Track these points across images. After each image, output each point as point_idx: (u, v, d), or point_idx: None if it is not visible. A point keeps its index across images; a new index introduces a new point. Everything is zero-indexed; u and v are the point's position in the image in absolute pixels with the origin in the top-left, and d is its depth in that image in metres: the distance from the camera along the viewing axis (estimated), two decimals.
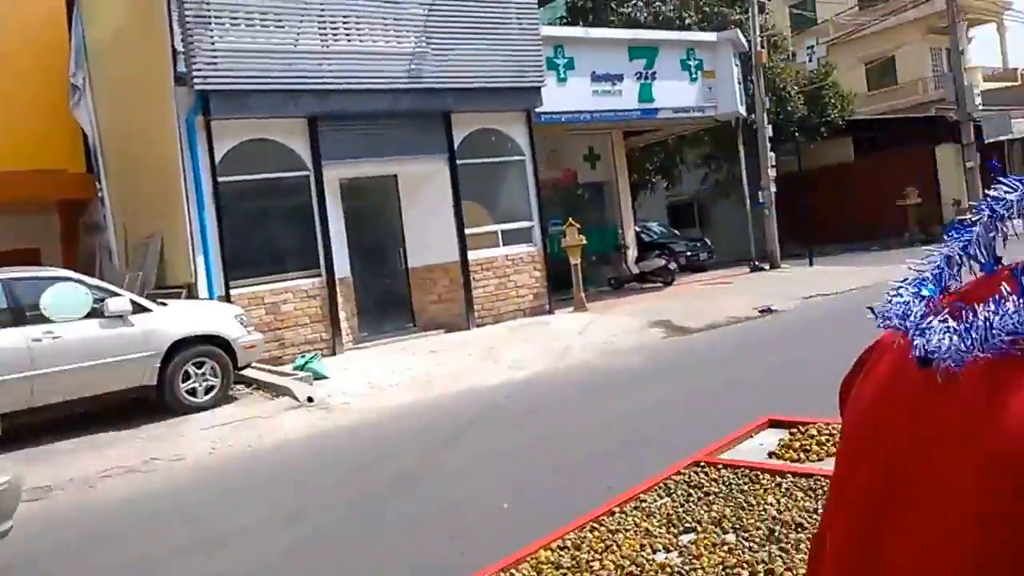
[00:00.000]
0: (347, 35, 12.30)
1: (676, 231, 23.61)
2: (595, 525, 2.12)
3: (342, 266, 12.27)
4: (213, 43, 11.08)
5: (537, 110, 14.32)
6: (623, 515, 2.15)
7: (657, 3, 21.33)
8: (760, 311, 12.80)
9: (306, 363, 10.52)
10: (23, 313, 8.32)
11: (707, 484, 2.24)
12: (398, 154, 12.81)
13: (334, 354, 11.84)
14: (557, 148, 17.79)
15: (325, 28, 12.08)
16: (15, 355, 8.05)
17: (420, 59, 12.78)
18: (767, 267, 19.28)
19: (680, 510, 2.11)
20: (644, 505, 2.19)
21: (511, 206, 14.20)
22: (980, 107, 22.97)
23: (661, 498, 2.22)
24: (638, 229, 20.18)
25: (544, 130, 15.19)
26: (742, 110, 18.19)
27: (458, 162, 13.33)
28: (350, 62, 12.18)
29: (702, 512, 2.06)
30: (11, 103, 13.40)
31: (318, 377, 10.16)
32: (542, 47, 14.24)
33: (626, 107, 16.09)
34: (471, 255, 13.37)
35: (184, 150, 11.13)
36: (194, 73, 10.91)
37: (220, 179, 11.25)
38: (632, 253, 18.45)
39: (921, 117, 25.34)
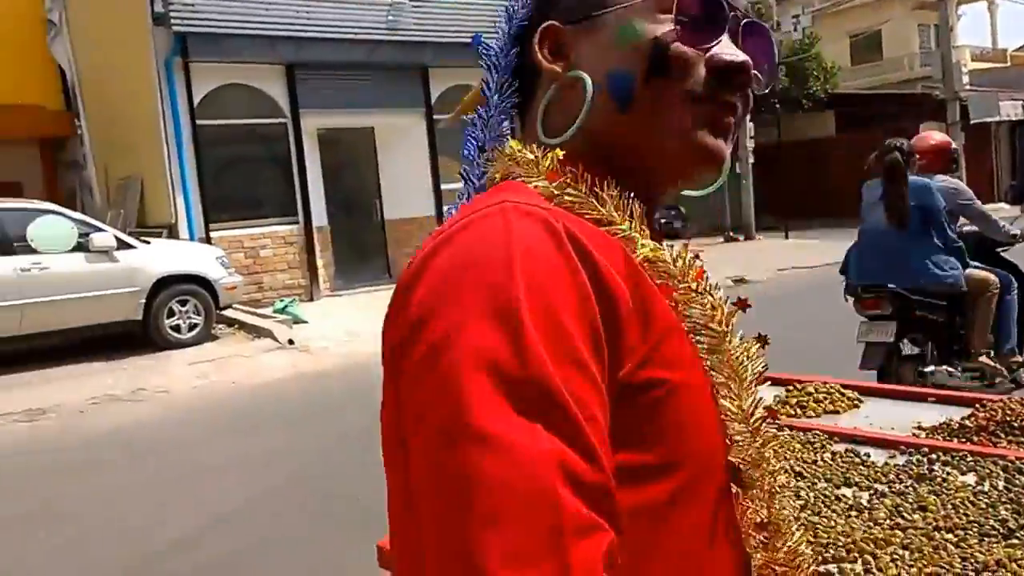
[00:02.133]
0: None
1: None
2: None
3: (319, 214, 12.42)
4: None
5: None
6: None
7: None
8: (733, 281, 12.81)
9: (285, 307, 10.73)
10: (11, 244, 8.47)
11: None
12: (375, 106, 12.89)
13: (311, 300, 12.04)
14: None
15: None
16: (4, 284, 8.26)
17: (398, 10, 12.81)
18: (742, 238, 19.19)
19: None
20: None
21: None
22: (967, 87, 22.72)
23: None
24: None
25: None
26: None
27: (435, 117, 13.41)
28: (329, 10, 12.18)
29: None
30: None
31: (297, 321, 10.36)
32: None
33: None
34: (447, 209, 13.49)
35: (163, 92, 11.18)
36: (171, 14, 10.93)
37: (198, 122, 11.33)
38: None
39: (906, 94, 24.81)
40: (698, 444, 0.71)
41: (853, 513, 1.54)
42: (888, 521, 1.48)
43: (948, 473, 1.67)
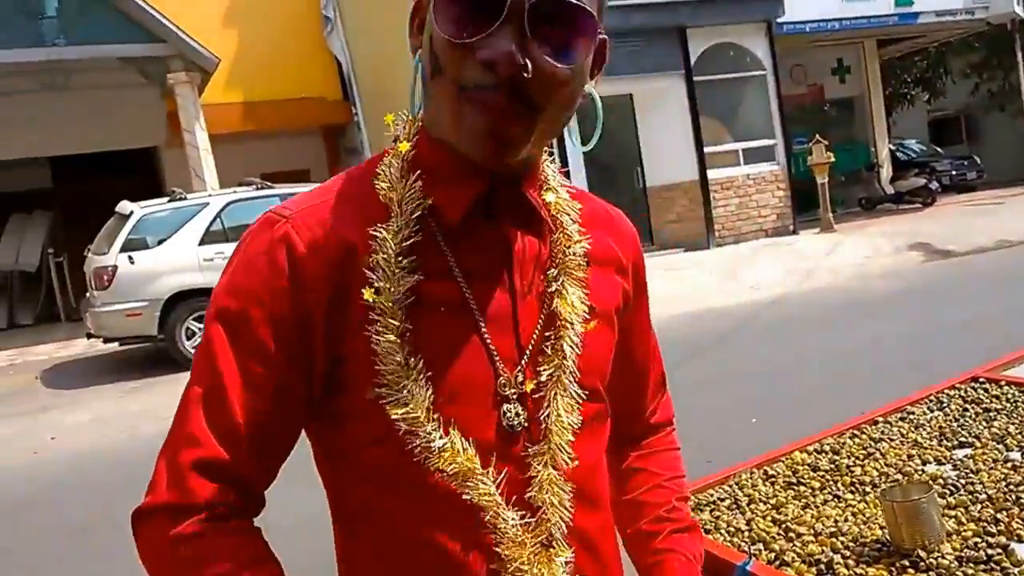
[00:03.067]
0: None
1: (939, 148, 21.50)
2: (856, 432, 1.99)
3: (580, 184, 12.32)
4: None
5: (779, 20, 13.53)
6: (887, 425, 2.01)
7: None
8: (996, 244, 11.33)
9: None
10: None
11: (987, 400, 2.05)
12: (632, 72, 12.58)
13: None
14: (801, 61, 16.75)
15: None
16: None
17: None
18: None
19: (955, 424, 1.93)
20: (912, 417, 2.02)
21: (752, 123, 13.64)
22: None
23: (931, 411, 2.06)
24: (893, 147, 18.63)
25: (787, 42, 14.35)
26: (1020, 10, 16.15)
27: (695, 79, 12.95)
28: None
29: (981, 427, 1.88)
30: (271, 38, 14.45)
31: None
32: None
33: (880, 13, 14.80)
34: (710, 174, 13.03)
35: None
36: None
37: None
38: (886, 172, 17.14)
39: None
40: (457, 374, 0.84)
41: None
42: None
43: None
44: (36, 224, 12.98)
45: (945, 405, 2.09)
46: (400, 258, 0.82)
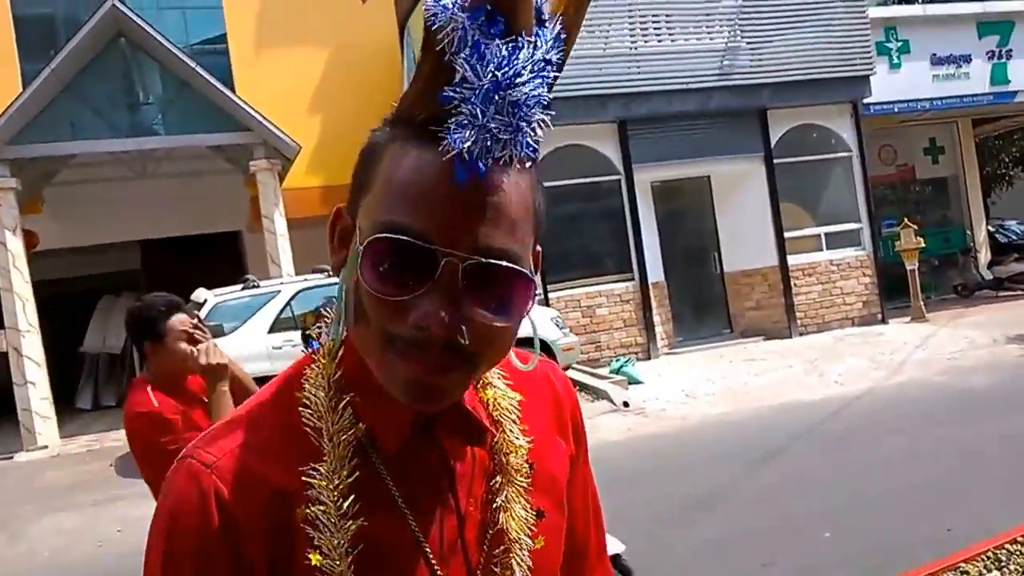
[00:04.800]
0: (657, 35, 12.21)
1: None
2: None
3: (655, 269, 12.18)
4: None
5: (865, 101, 13.19)
6: None
7: None
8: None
9: (621, 367, 10.58)
10: None
11: None
12: (711, 155, 12.45)
13: (649, 358, 11.77)
14: (890, 142, 16.26)
15: (635, 29, 12.07)
16: None
17: (733, 54, 12.33)
18: None
19: None
20: None
21: (836, 207, 13.22)
22: None
23: (988, 572, 1.77)
24: (992, 229, 17.77)
25: (875, 122, 13.96)
26: None
27: (775, 161, 12.66)
28: (659, 62, 12.04)
29: None
30: (354, 123, 14.67)
31: (633, 382, 10.17)
32: (870, 31, 13.07)
33: (975, 92, 14.28)
34: (791, 259, 12.63)
35: None
36: None
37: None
38: (984, 256, 16.33)
39: None
40: None
41: None
42: None
43: None
44: (123, 307, 13.44)
45: (1004, 564, 1.80)
46: (340, 502, 0.77)
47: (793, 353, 11.21)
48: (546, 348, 9.69)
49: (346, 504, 0.77)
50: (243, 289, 9.10)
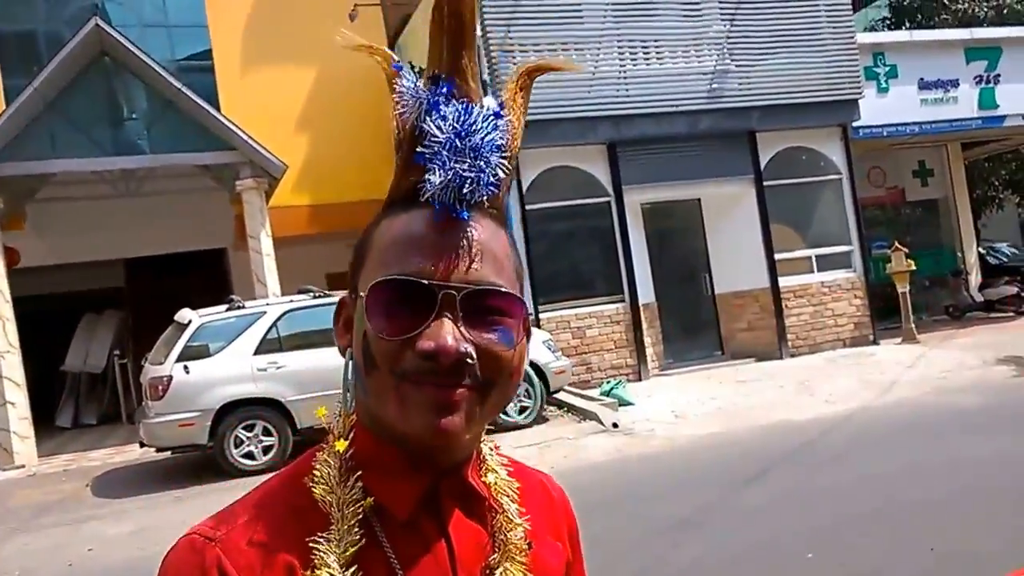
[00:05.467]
0: (645, 58, 12.20)
1: None
2: None
3: (646, 291, 12.09)
4: None
5: (854, 124, 13.20)
6: None
7: None
8: None
9: (611, 389, 10.49)
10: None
11: None
12: (700, 177, 12.42)
13: (640, 380, 11.67)
14: (880, 164, 16.29)
15: (624, 52, 12.07)
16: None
17: (722, 77, 12.34)
18: None
19: None
20: None
21: (826, 229, 13.19)
22: None
23: None
24: (982, 251, 17.77)
25: (864, 145, 13.98)
26: None
27: (765, 183, 12.63)
28: (649, 85, 12.04)
29: None
30: (341, 141, 14.47)
31: (623, 403, 10.07)
32: (858, 55, 13.11)
33: (963, 116, 14.30)
34: (782, 281, 12.56)
35: None
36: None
37: (527, 206, 11.60)
38: (975, 279, 16.32)
39: None
40: None
41: None
42: None
43: None
44: (105, 325, 13.29)
45: None
46: (345, 568, 0.79)
47: (784, 374, 11.13)
48: (538, 371, 9.58)
49: (349, 572, 0.78)
50: (228, 310, 8.95)
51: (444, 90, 0.82)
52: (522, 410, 9.52)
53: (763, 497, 6.13)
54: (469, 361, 0.78)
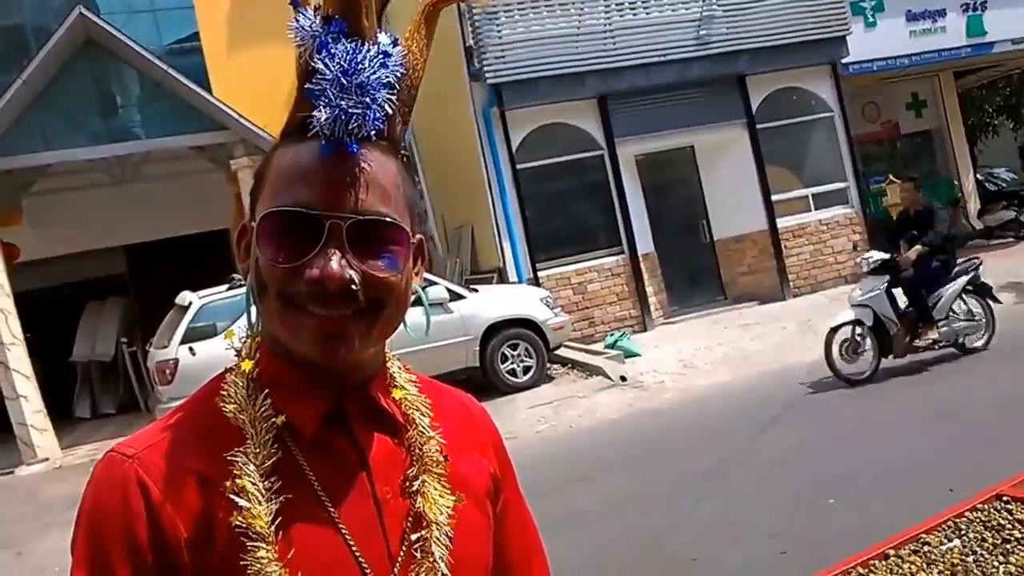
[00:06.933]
0: (632, 9, 12.10)
1: None
2: (863, 573, 1.73)
3: (644, 242, 12.14)
4: (501, 36, 11.43)
5: (844, 61, 13.13)
6: (898, 560, 1.75)
7: None
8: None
9: (616, 341, 10.52)
10: None
11: (1009, 526, 1.76)
12: (693, 124, 12.38)
13: (644, 330, 11.75)
14: (873, 99, 16.21)
15: (609, 5, 11.97)
16: None
17: (708, 23, 12.24)
18: None
19: (970, 559, 1.68)
20: (926, 550, 1.76)
21: (822, 167, 13.19)
22: None
23: (948, 540, 1.76)
24: (981, 177, 17.72)
25: (856, 81, 13.91)
26: None
27: (758, 126, 12.61)
28: (636, 36, 11.96)
29: (996, 564, 1.63)
30: None
31: (629, 355, 10.12)
32: None
33: (952, 45, 14.20)
34: (780, 222, 12.61)
35: (483, 142, 11.66)
36: (485, 68, 11.35)
37: (519, 166, 11.62)
38: (973, 206, 16.33)
39: None
40: None
41: None
42: None
43: None
44: (109, 312, 13.32)
45: (963, 533, 1.79)
46: (264, 479, 0.83)
47: (788, 315, 11.20)
48: (536, 329, 9.64)
49: (268, 482, 0.83)
50: (228, 289, 9.02)
51: (334, 29, 0.85)
52: (526, 370, 9.57)
53: (779, 445, 6.18)
54: (354, 287, 0.82)
